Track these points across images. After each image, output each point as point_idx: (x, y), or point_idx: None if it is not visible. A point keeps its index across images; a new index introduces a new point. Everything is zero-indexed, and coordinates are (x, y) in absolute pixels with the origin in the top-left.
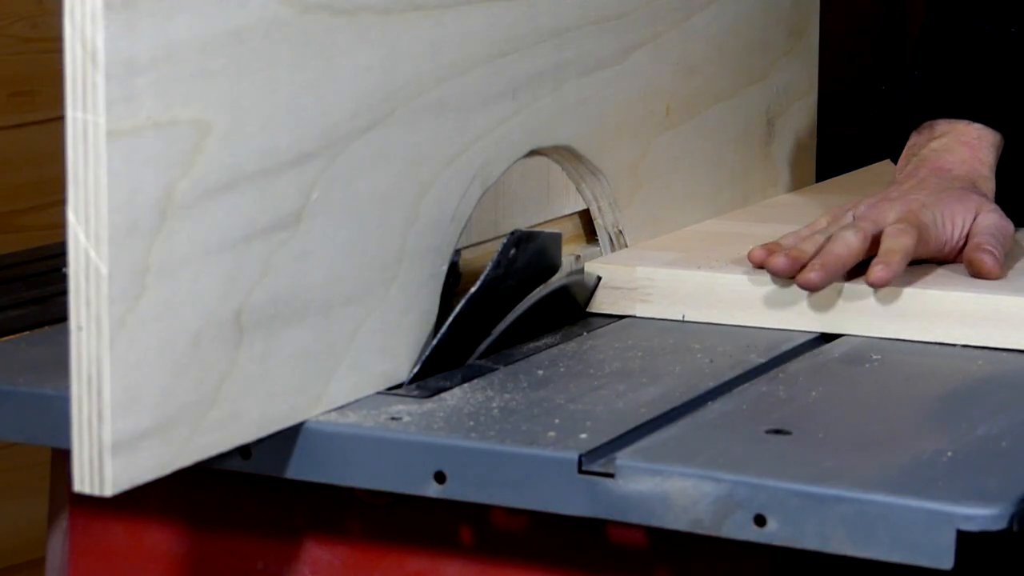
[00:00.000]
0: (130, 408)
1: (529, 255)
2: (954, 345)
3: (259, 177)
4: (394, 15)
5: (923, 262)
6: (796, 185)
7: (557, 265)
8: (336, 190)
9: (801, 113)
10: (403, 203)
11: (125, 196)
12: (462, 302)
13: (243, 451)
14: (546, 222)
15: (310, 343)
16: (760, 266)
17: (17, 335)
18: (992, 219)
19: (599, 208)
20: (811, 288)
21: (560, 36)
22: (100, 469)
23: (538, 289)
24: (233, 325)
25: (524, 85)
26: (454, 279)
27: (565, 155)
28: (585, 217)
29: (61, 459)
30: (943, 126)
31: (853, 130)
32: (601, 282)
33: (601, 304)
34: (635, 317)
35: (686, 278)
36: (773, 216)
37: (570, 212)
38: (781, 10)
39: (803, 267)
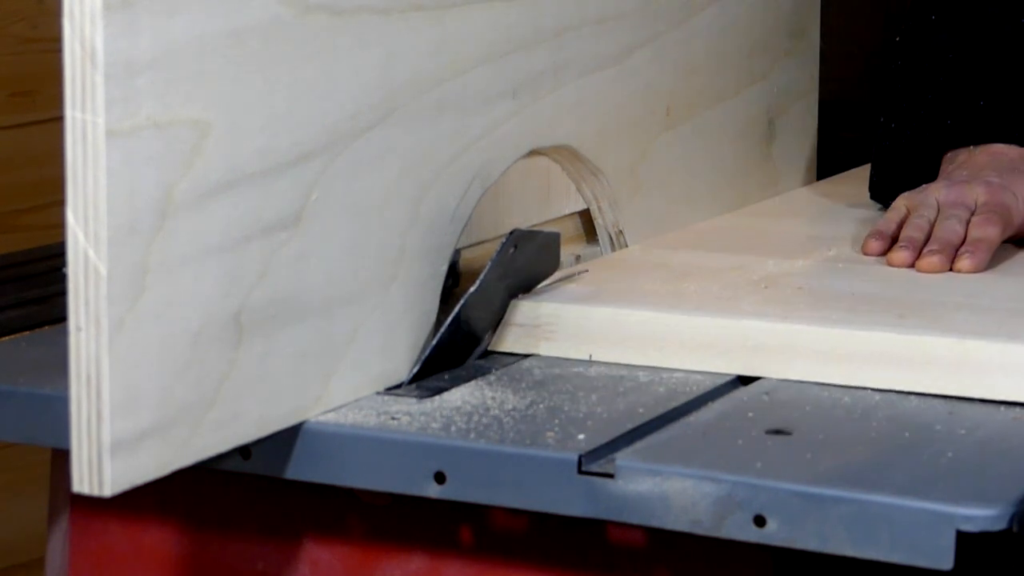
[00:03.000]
0: (129, 408)
1: (528, 255)
2: (886, 391)
3: (259, 177)
4: (394, 15)
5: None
6: (796, 185)
7: (556, 265)
8: (336, 190)
9: (801, 113)
10: (403, 203)
11: (124, 196)
12: (461, 302)
13: (243, 451)
14: (546, 222)
15: (310, 343)
16: (879, 255)
17: (17, 335)
18: None
19: (599, 208)
20: (934, 271)
21: (560, 36)
22: (99, 469)
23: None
24: (233, 325)
25: (524, 85)
26: (454, 279)
27: (565, 155)
28: (585, 217)
29: (61, 459)
30: (964, 154)
31: (854, 132)
32: (503, 320)
33: (503, 342)
34: (538, 356)
35: (593, 315)
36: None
37: (570, 212)
38: (781, 10)
39: (920, 254)
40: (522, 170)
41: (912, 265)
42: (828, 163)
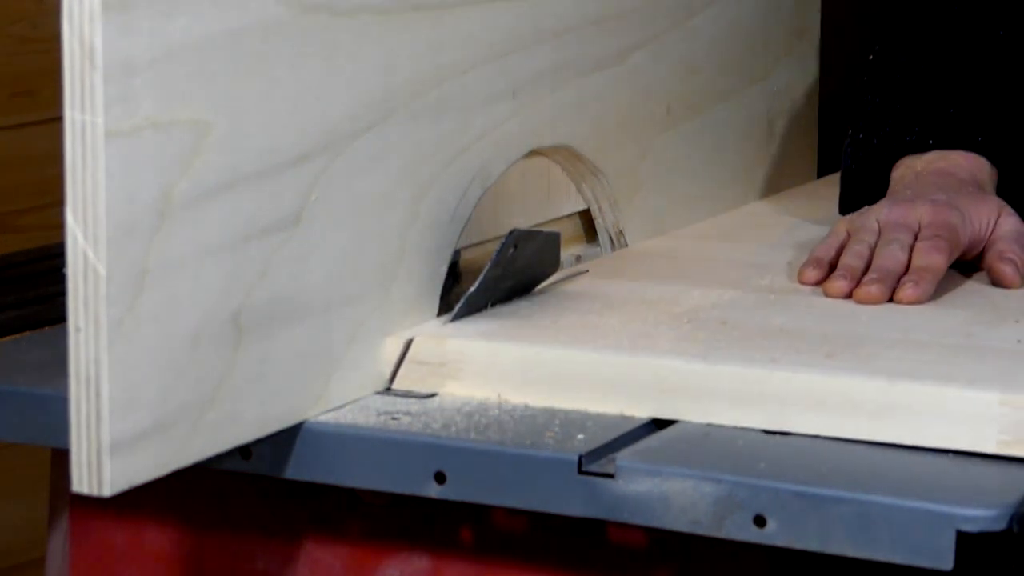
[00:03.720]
0: (129, 409)
1: (528, 254)
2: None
3: (258, 177)
4: (394, 15)
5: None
6: (796, 185)
7: (556, 265)
8: (336, 190)
9: (801, 113)
10: (403, 203)
11: (123, 197)
12: (461, 302)
13: (243, 451)
14: (546, 222)
15: (310, 343)
16: (815, 284)
17: (17, 335)
18: (1012, 223)
19: (599, 208)
20: (873, 302)
21: (560, 36)
22: (99, 469)
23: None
24: (232, 325)
25: (524, 85)
26: (454, 279)
27: (565, 155)
28: (585, 217)
29: (61, 459)
30: (927, 156)
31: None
32: (406, 357)
33: (405, 380)
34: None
35: (501, 353)
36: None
37: (570, 212)
38: (782, 10)
39: (858, 283)
40: (522, 170)
41: (849, 295)
42: (828, 163)
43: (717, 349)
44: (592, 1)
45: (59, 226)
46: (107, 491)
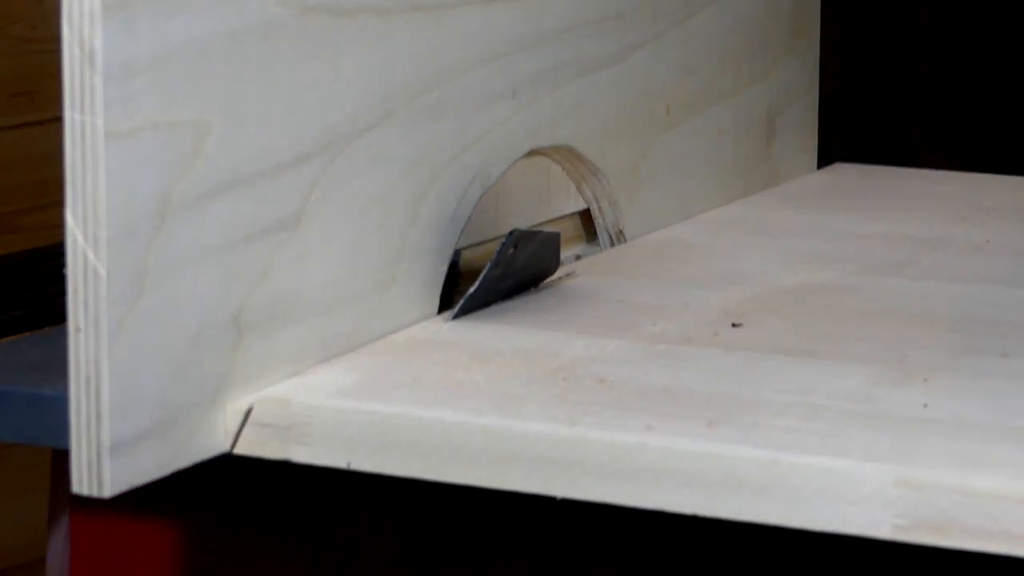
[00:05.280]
0: (129, 409)
1: (528, 255)
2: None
3: (258, 178)
4: (394, 15)
5: None
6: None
7: (556, 265)
8: (335, 191)
9: (801, 113)
10: (402, 203)
11: (123, 197)
12: (461, 302)
13: None
14: (546, 222)
15: (310, 344)
16: None
17: (17, 335)
18: None
19: (599, 208)
20: None
21: (560, 36)
22: (99, 470)
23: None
24: (232, 326)
25: (524, 85)
26: (454, 279)
27: (565, 155)
28: (585, 217)
29: (61, 460)
30: None
31: (854, 132)
32: (249, 419)
33: (249, 444)
34: (291, 462)
35: (352, 415)
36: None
37: (570, 212)
38: (782, 10)
39: None
40: (522, 170)
41: None
42: (828, 163)
43: (589, 414)
44: (592, 1)
45: (59, 226)
46: (107, 492)
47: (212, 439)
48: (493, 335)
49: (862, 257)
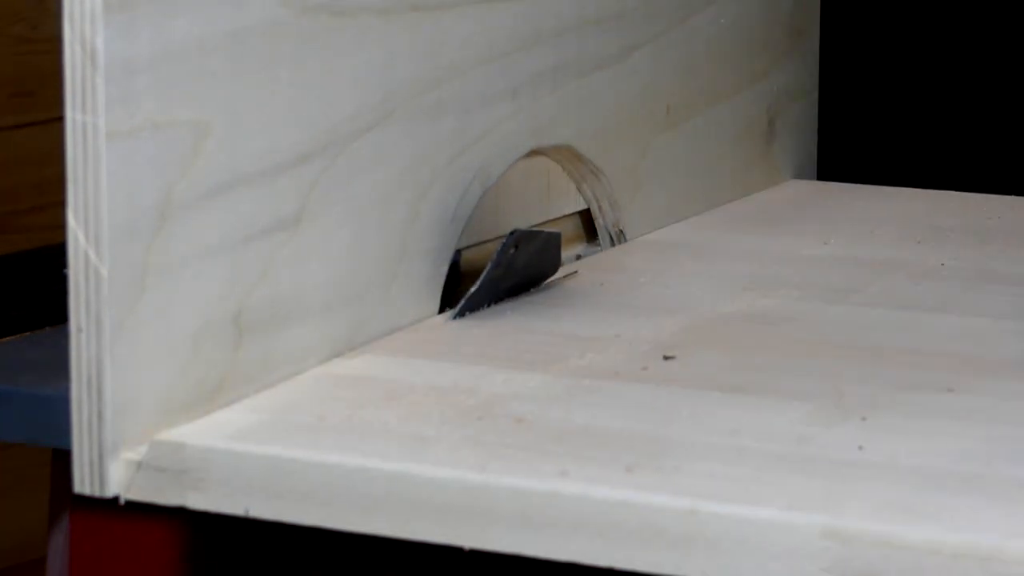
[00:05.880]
0: (130, 409)
1: (529, 255)
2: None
3: (258, 178)
4: (394, 16)
5: None
6: (796, 185)
7: (557, 265)
8: (336, 191)
9: (802, 113)
10: (403, 203)
11: (124, 197)
12: (461, 302)
13: None
14: (546, 222)
15: (310, 344)
16: None
17: (17, 335)
18: None
19: (600, 208)
20: None
21: (560, 36)
22: (100, 470)
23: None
24: (233, 326)
25: (524, 85)
26: (454, 279)
27: (565, 155)
28: (585, 217)
29: (61, 460)
30: None
31: (854, 132)
32: (142, 463)
33: (142, 489)
34: (187, 509)
35: (249, 459)
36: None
37: (570, 212)
38: (782, 10)
39: None
40: (522, 170)
41: None
42: (828, 163)
43: (501, 458)
44: (592, 1)
45: (59, 226)
46: (108, 492)
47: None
48: (410, 369)
49: (809, 282)
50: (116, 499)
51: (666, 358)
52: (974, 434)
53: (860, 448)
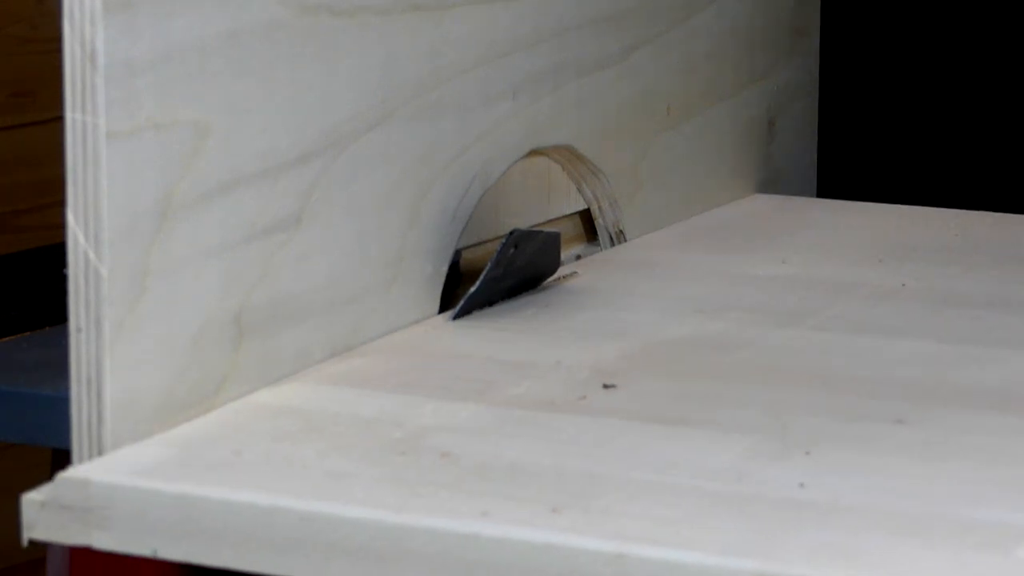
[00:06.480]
0: (130, 410)
1: (528, 255)
2: None
3: (259, 178)
4: (394, 16)
5: None
6: (796, 185)
7: (557, 265)
8: (336, 191)
9: (801, 113)
10: (403, 203)
11: (124, 197)
12: (461, 302)
13: None
14: (546, 222)
15: (311, 344)
16: None
17: (17, 335)
18: None
19: (599, 208)
20: None
21: (560, 36)
22: None
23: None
24: (233, 326)
25: (524, 85)
26: (455, 279)
27: (565, 155)
28: (585, 217)
29: (61, 460)
30: None
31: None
32: (46, 503)
33: (47, 529)
34: (92, 549)
35: (155, 498)
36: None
37: (570, 212)
38: (782, 9)
39: None
40: (522, 170)
41: None
42: (828, 163)
43: (422, 496)
44: (592, 1)
45: (59, 226)
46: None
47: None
48: (333, 398)
49: (762, 305)
50: None
51: (606, 386)
52: (922, 470)
53: (801, 486)
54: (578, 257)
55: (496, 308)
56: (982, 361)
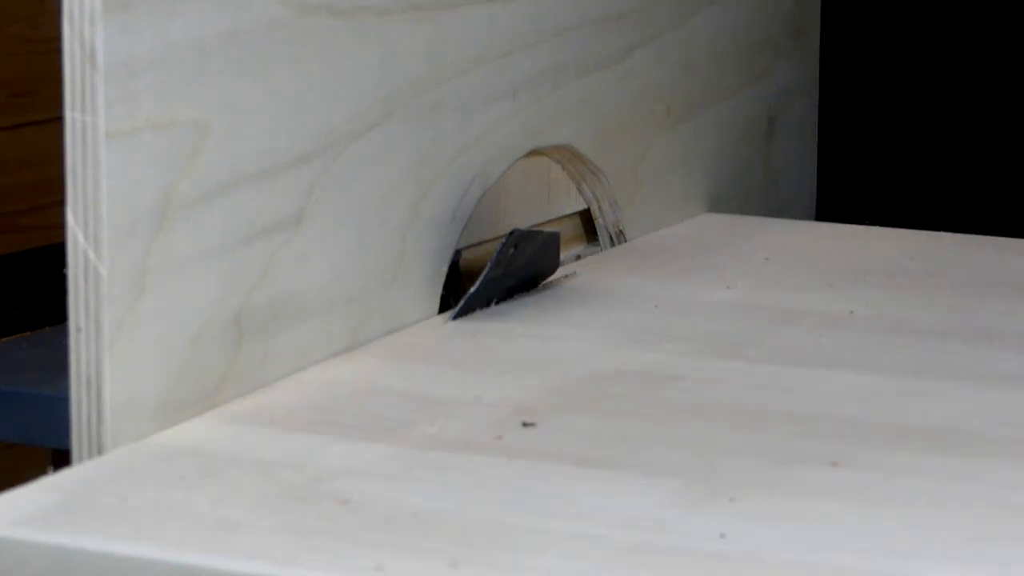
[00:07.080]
0: (130, 410)
1: (528, 255)
2: None
3: (259, 178)
4: (393, 16)
5: None
6: (796, 185)
7: (556, 265)
8: (336, 191)
9: (801, 113)
10: (403, 203)
11: (124, 197)
12: (461, 302)
13: None
14: (546, 222)
15: (311, 344)
16: None
17: (17, 335)
18: None
19: (599, 208)
20: None
21: (560, 36)
22: None
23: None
24: (233, 326)
25: (524, 85)
26: (454, 279)
27: (565, 155)
28: (585, 217)
29: (61, 460)
30: None
31: (854, 132)
32: None
33: None
34: None
35: (35, 548)
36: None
37: (570, 212)
38: (782, 10)
39: None
40: (522, 170)
41: None
42: (828, 163)
43: (314, 548)
44: (592, 1)
45: (59, 226)
46: None
47: None
48: (237, 439)
49: (700, 334)
50: None
51: (525, 425)
52: (852, 518)
53: (722, 536)
54: (578, 257)
55: (492, 309)
56: (927, 395)
